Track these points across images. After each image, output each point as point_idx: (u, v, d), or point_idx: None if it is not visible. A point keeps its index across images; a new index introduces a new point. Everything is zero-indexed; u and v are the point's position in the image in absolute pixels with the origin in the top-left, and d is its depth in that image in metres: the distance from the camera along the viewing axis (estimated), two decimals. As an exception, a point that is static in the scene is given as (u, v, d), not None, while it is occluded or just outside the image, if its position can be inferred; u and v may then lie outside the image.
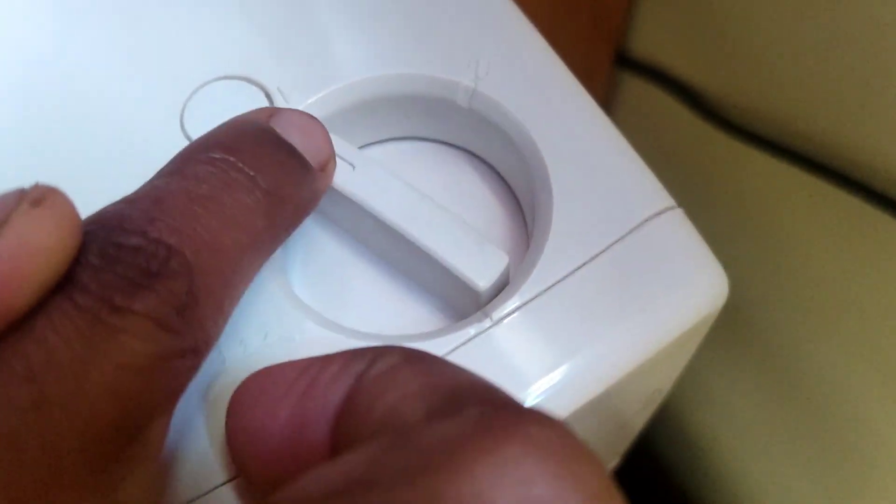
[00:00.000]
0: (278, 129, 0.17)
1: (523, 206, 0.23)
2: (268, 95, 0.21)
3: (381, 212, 0.20)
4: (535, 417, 0.11)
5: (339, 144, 0.21)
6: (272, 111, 0.18)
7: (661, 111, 0.53)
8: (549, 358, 0.19)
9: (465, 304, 0.20)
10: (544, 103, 0.21)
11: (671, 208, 0.21)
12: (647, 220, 0.20)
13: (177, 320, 0.14)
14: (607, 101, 0.56)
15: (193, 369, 0.15)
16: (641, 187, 0.21)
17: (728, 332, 0.56)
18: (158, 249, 0.14)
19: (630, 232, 0.20)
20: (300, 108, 0.21)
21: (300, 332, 0.19)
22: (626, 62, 0.54)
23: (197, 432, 0.18)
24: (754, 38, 0.42)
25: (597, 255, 0.20)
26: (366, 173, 0.20)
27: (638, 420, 0.28)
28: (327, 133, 0.19)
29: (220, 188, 0.16)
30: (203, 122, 0.21)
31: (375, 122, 0.23)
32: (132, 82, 0.22)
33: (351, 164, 0.20)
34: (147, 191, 0.15)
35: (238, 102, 0.21)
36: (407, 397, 0.13)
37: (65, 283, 0.13)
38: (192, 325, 0.14)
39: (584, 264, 0.20)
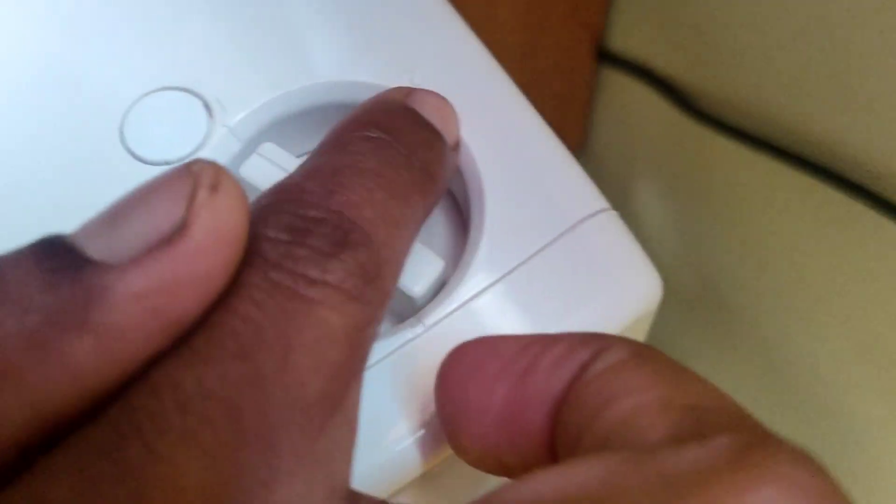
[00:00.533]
0: (418, 108, 0.18)
1: (463, 210, 0.23)
2: (206, 106, 0.22)
3: (318, 219, 0.20)
4: (793, 455, 0.11)
5: (278, 154, 0.21)
6: (408, 91, 0.19)
7: (642, 106, 0.53)
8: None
9: (403, 309, 0.21)
10: (479, 108, 0.22)
11: (605, 210, 0.21)
12: (580, 222, 0.20)
13: (366, 291, 0.14)
14: (588, 96, 0.56)
15: (375, 336, 0.15)
16: (575, 190, 0.21)
17: (713, 323, 0.56)
18: (342, 221, 0.14)
19: (563, 234, 0.20)
20: (239, 117, 0.22)
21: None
22: (606, 58, 0.54)
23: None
24: (733, 31, 0.42)
25: (530, 258, 0.20)
26: (303, 181, 0.20)
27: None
28: (457, 114, 0.20)
29: (384, 164, 0.16)
30: (143, 134, 0.21)
31: (314, 130, 0.23)
32: (69, 96, 0.22)
33: (288, 173, 0.21)
34: (318, 165, 0.16)
35: (178, 113, 0.22)
36: (644, 408, 0.13)
37: (254, 259, 0.13)
38: (378, 295, 0.14)
39: (517, 267, 0.20)
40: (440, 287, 0.21)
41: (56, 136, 0.21)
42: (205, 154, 0.21)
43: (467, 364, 0.16)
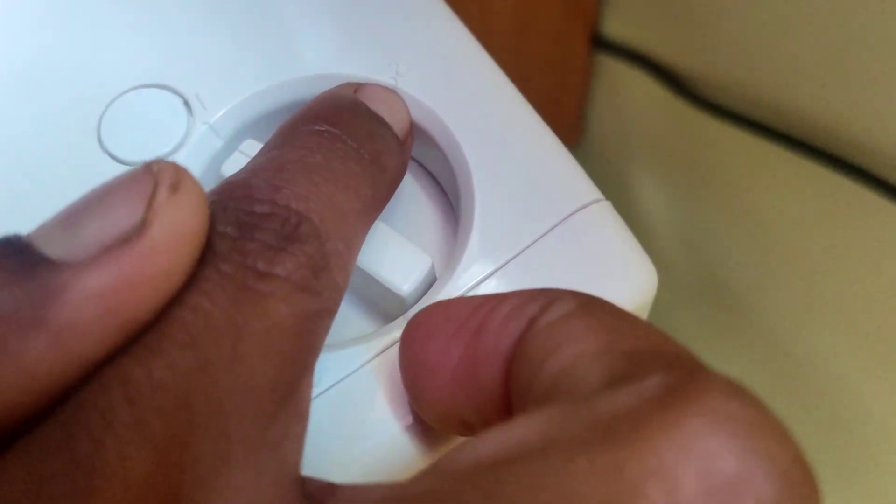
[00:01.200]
0: (367, 102, 0.18)
1: (453, 204, 0.22)
2: (186, 103, 0.21)
3: (303, 217, 0.20)
4: (724, 387, 0.11)
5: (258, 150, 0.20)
6: (356, 86, 0.19)
7: (639, 92, 0.52)
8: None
9: (391, 307, 0.20)
10: (466, 98, 0.21)
11: (598, 201, 0.20)
12: (573, 213, 0.20)
13: (315, 282, 0.14)
14: (584, 84, 0.55)
15: (328, 328, 0.15)
16: (568, 180, 0.20)
17: (714, 311, 0.55)
18: (289, 215, 0.14)
19: (556, 225, 0.20)
20: (220, 114, 0.21)
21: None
22: (601, 44, 0.54)
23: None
24: (729, 14, 0.41)
25: (523, 251, 0.19)
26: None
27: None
28: (407, 107, 0.20)
29: (332, 157, 0.16)
30: (121, 134, 0.21)
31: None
32: (45, 95, 0.21)
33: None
34: (265, 162, 0.16)
35: (156, 111, 0.21)
36: (583, 356, 0.13)
37: (206, 254, 0.13)
38: (328, 286, 0.14)
39: (510, 259, 0.19)
40: (430, 284, 0.20)
41: (32, 136, 0.21)
42: (185, 152, 0.21)
43: (425, 327, 0.16)
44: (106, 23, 0.22)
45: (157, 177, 0.13)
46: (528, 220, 0.20)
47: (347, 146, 0.17)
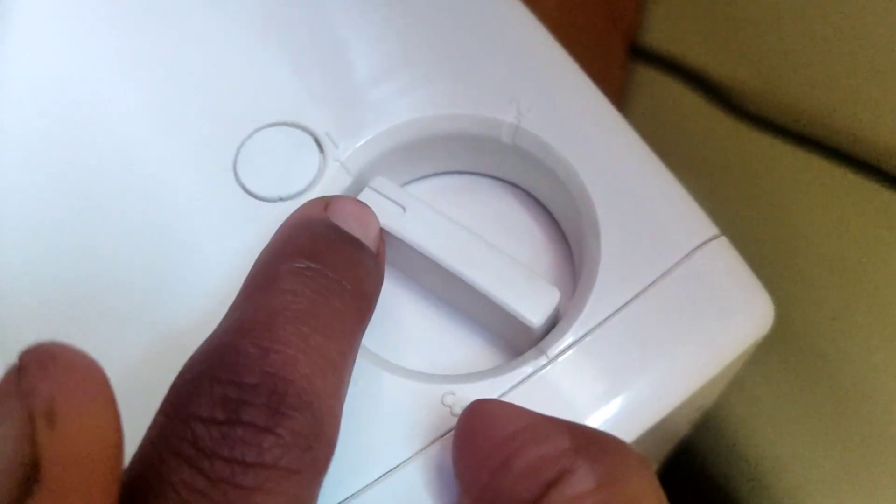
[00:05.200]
0: (338, 222, 0.18)
1: (567, 235, 0.23)
2: (317, 140, 0.22)
3: (434, 253, 0.20)
4: None
5: (388, 187, 0.21)
6: (325, 202, 0.19)
7: (676, 102, 0.53)
8: (605, 392, 0.19)
9: (517, 339, 0.21)
10: (586, 137, 0.22)
11: (716, 237, 0.21)
12: (693, 251, 0.21)
13: (306, 458, 0.14)
14: (622, 93, 0.56)
15: (324, 473, 0.15)
16: (686, 217, 0.21)
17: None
18: (277, 384, 0.14)
19: (678, 263, 0.21)
20: (350, 151, 0.22)
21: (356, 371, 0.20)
22: (640, 53, 0.54)
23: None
24: (768, 25, 0.42)
25: (646, 288, 0.20)
26: (416, 215, 0.21)
27: (681, 432, 0.29)
28: (377, 218, 0.20)
29: (316, 300, 0.16)
30: (256, 170, 0.22)
31: (419, 159, 0.23)
32: (184, 131, 0.22)
33: (401, 207, 0.21)
34: (252, 314, 0.16)
35: (289, 149, 0.22)
36: None
37: (183, 448, 0.13)
38: (321, 451, 0.15)
39: (634, 298, 0.20)
40: (555, 319, 0.21)
41: (171, 170, 0.22)
42: (318, 190, 0.21)
43: (471, 428, 0.17)
44: (242, 64, 0.23)
45: (28, 402, 0.11)
46: (651, 258, 0.21)
47: (330, 281, 0.17)
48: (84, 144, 0.22)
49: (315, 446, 0.15)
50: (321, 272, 0.17)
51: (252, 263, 0.18)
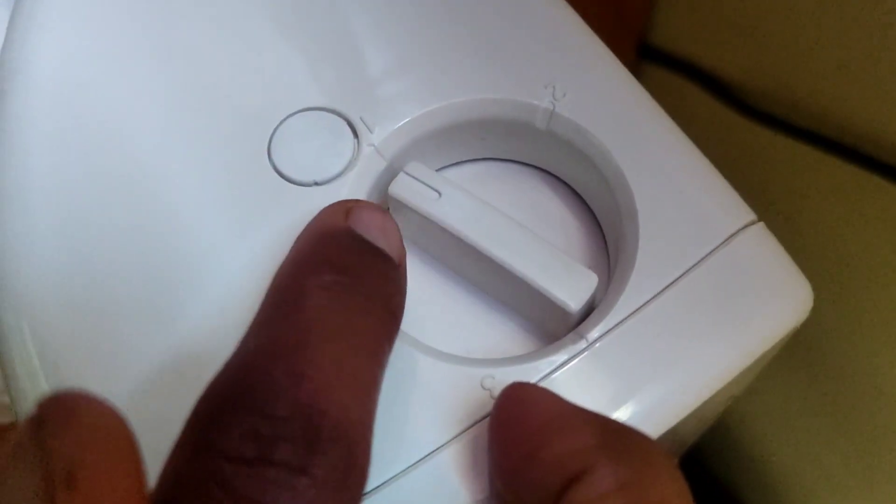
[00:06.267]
0: (361, 232, 0.17)
1: (601, 221, 0.23)
2: (350, 125, 0.22)
3: (470, 237, 0.20)
4: None
5: (424, 172, 0.21)
6: (345, 209, 0.18)
7: (686, 100, 0.53)
8: (644, 377, 0.19)
9: (554, 325, 0.21)
10: (622, 122, 0.22)
11: (754, 223, 0.21)
12: (731, 237, 0.21)
13: (339, 497, 0.13)
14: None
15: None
16: (723, 203, 0.21)
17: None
18: (311, 416, 0.13)
19: (716, 249, 0.20)
20: (384, 136, 0.22)
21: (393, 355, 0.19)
22: (649, 53, 0.54)
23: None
24: (777, 22, 0.42)
25: (685, 274, 0.20)
26: (451, 200, 0.21)
27: (710, 422, 0.29)
28: (398, 227, 0.19)
29: (347, 317, 0.15)
30: (291, 155, 0.21)
31: (452, 145, 0.23)
32: (216, 120, 0.22)
33: (437, 192, 0.21)
34: (281, 332, 0.15)
35: (323, 133, 0.22)
36: None
37: (212, 491, 0.12)
38: (354, 488, 0.14)
39: (672, 283, 0.20)
40: (592, 305, 0.21)
41: (207, 154, 0.21)
42: (354, 174, 0.21)
43: (507, 413, 0.17)
44: (276, 50, 0.23)
45: (46, 469, 0.11)
46: (689, 243, 0.20)
47: (360, 296, 0.16)
48: (115, 131, 0.22)
49: (348, 481, 0.14)
50: (350, 287, 0.16)
51: (288, 247, 0.18)
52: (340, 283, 0.16)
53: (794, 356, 0.53)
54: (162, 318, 0.20)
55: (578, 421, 0.16)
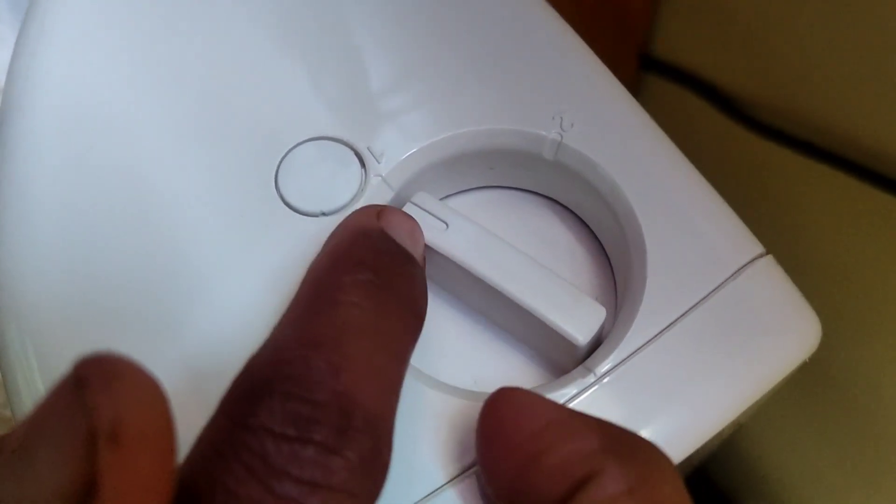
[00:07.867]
0: (392, 234, 0.18)
1: (608, 250, 0.23)
2: (358, 155, 0.22)
3: (477, 269, 0.20)
4: None
5: (431, 203, 0.21)
6: (378, 211, 0.19)
7: (687, 112, 0.53)
8: (652, 412, 0.19)
9: (561, 357, 0.21)
10: (630, 153, 0.22)
11: (762, 255, 0.21)
12: (739, 270, 0.21)
13: (366, 483, 0.14)
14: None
15: (378, 499, 0.15)
16: (732, 235, 0.21)
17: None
18: (346, 404, 0.14)
19: (724, 282, 0.20)
20: (392, 166, 0.22)
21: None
22: (650, 64, 0.54)
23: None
24: (779, 35, 0.42)
25: (693, 308, 0.20)
26: (459, 231, 0.21)
27: (709, 452, 0.29)
28: (423, 233, 0.20)
29: (378, 315, 0.16)
30: (297, 185, 0.21)
31: (460, 174, 0.23)
32: (223, 148, 0.22)
33: (444, 223, 0.21)
34: (319, 326, 0.15)
35: (330, 163, 0.22)
36: None
37: (254, 463, 0.13)
38: (378, 478, 0.15)
39: (681, 317, 0.20)
40: (599, 337, 0.21)
41: (213, 183, 0.21)
42: (361, 204, 0.21)
43: (499, 418, 0.17)
44: (284, 79, 0.23)
45: (91, 419, 0.11)
46: (697, 277, 0.20)
47: (390, 296, 0.17)
48: (122, 159, 0.22)
49: (374, 470, 0.15)
50: (383, 286, 0.17)
51: (299, 277, 0.18)
52: (374, 283, 0.16)
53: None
54: (163, 340, 0.20)
55: (580, 424, 0.16)
